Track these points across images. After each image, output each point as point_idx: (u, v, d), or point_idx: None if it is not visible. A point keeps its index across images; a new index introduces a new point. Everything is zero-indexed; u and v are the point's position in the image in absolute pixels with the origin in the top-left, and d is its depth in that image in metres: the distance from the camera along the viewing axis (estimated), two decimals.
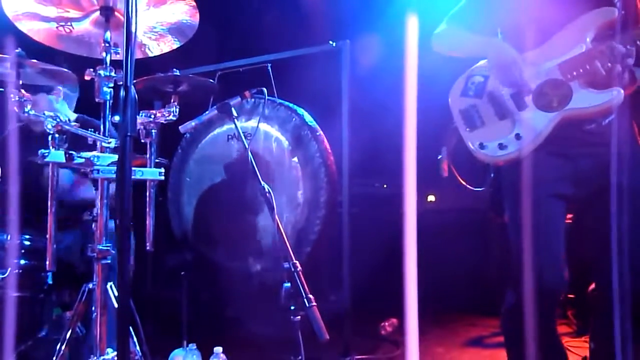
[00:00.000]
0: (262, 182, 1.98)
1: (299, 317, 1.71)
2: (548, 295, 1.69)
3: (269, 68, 3.09)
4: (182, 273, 2.68)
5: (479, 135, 1.82)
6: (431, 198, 4.54)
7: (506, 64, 1.74)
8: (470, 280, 3.97)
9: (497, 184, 1.96)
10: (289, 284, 1.73)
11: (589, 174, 1.71)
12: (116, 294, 1.67)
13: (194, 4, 1.85)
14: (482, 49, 1.84)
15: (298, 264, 1.79)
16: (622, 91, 1.62)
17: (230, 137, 3.26)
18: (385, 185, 4.45)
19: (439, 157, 2.18)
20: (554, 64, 1.73)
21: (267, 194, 1.97)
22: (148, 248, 1.88)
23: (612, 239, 1.26)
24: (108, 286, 1.70)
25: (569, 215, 1.84)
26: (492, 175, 2.08)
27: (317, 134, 3.07)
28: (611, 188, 1.31)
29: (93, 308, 1.70)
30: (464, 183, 2.32)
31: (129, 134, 1.15)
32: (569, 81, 1.70)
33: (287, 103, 3.16)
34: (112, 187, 1.77)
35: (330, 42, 2.95)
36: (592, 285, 1.82)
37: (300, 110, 3.14)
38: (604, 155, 1.65)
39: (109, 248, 1.69)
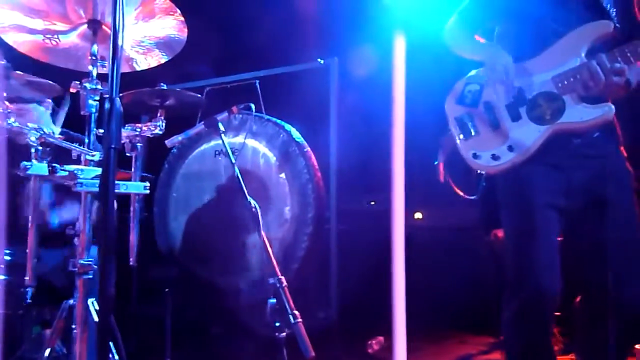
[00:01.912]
0: (249, 198, 1.97)
1: (284, 334, 1.69)
2: (549, 298, 1.68)
3: (257, 84, 3.09)
4: (167, 289, 2.64)
5: (473, 144, 1.82)
6: (418, 215, 4.54)
7: (499, 70, 1.74)
8: (461, 297, 3.94)
9: (489, 197, 1.96)
10: (274, 300, 1.71)
11: (581, 187, 1.71)
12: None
13: (183, 19, 1.85)
14: (480, 53, 1.86)
15: (284, 280, 1.77)
16: (613, 107, 1.64)
17: (218, 152, 3.24)
18: (373, 202, 4.44)
19: (436, 162, 2.17)
20: (548, 76, 1.73)
21: (254, 210, 1.95)
22: (131, 263, 1.84)
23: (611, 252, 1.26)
24: (89, 302, 1.66)
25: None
26: (483, 184, 2.08)
27: (305, 150, 3.06)
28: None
29: (74, 325, 1.65)
30: (458, 191, 2.31)
31: (113, 146, 1.13)
32: (562, 94, 1.71)
33: (274, 119, 3.16)
34: (95, 202, 1.73)
35: (319, 60, 2.97)
36: (578, 299, 1.83)
37: (288, 127, 3.14)
38: (594, 168, 1.66)
39: (90, 263, 1.65)
